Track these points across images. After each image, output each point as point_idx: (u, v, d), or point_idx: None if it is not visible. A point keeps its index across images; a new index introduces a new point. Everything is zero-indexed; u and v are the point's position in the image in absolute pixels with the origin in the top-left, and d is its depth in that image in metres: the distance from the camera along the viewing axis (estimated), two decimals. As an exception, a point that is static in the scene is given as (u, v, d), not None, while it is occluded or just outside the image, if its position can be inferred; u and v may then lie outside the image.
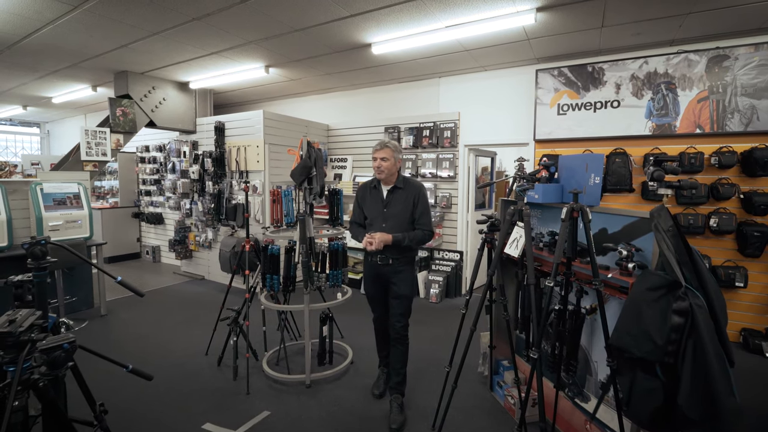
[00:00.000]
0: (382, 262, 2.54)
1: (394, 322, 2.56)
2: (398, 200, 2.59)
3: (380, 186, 2.65)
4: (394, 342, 2.59)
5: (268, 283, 2.84)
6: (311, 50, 4.43)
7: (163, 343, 3.64)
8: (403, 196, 2.59)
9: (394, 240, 2.45)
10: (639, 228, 1.90)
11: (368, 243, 2.45)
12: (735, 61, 3.71)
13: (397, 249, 2.51)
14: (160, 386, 2.86)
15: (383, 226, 2.55)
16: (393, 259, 2.52)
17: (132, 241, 7.23)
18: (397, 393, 2.59)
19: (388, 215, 2.58)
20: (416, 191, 2.59)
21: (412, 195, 2.58)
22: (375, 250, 2.44)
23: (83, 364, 1.46)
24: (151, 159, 6.77)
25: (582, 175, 2.18)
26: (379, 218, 2.60)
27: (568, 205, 1.85)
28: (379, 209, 2.62)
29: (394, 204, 2.59)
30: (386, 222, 2.56)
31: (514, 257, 2.15)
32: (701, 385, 1.49)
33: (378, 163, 2.54)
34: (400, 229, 2.53)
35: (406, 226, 2.57)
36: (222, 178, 5.33)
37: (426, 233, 2.57)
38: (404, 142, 5.45)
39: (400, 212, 2.57)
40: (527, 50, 4.30)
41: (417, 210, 2.57)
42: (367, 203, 2.69)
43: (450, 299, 5.10)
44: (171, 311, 4.54)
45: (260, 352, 3.29)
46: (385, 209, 2.60)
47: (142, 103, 5.38)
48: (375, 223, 2.60)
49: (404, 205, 2.57)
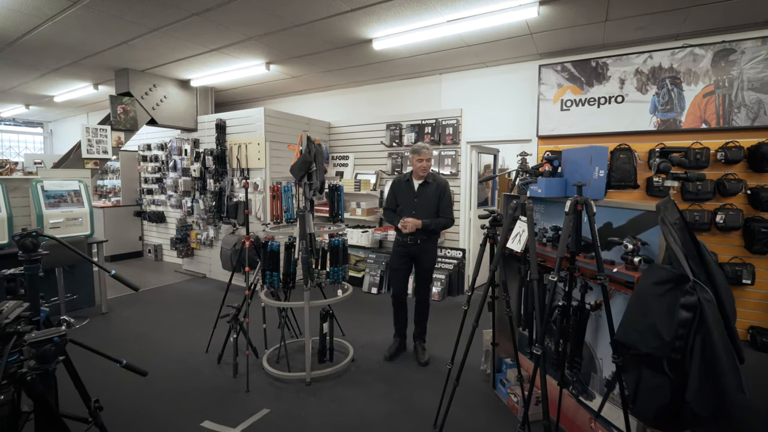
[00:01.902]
0: (411, 241, 3.14)
1: (420, 288, 3.27)
2: (427, 193, 3.17)
3: (412, 180, 3.23)
4: (420, 303, 3.27)
5: (268, 280, 2.82)
6: (312, 46, 4.40)
7: (163, 341, 3.62)
8: (431, 189, 3.17)
9: (423, 225, 3.06)
10: (645, 221, 1.86)
11: (403, 226, 3.07)
12: (741, 55, 3.65)
13: (425, 232, 3.11)
14: (158, 383, 2.84)
15: (413, 213, 3.13)
16: (421, 239, 3.14)
17: (134, 239, 7.23)
18: (420, 339, 3.29)
19: (418, 204, 3.16)
20: (442, 186, 3.19)
21: (439, 189, 3.17)
22: (408, 232, 3.06)
23: (79, 361, 1.43)
24: (152, 157, 6.76)
25: (586, 168, 2.14)
26: (409, 206, 3.18)
27: (572, 198, 1.81)
28: (410, 199, 3.20)
29: (423, 196, 3.17)
30: (416, 210, 3.14)
31: (516, 252, 2.11)
32: (710, 381, 1.45)
33: (424, 164, 3.13)
34: (426, 216, 3.11)
35: (432, 214, 3.14)
36: (223, 175, 5.31)
37: (448, 221, 3.19)
38: (406, 139, 5.41)
39: (427, 203, 3.15)
40: (530, 45, 4.25)
41: (442, 202, 3.16)
42: (400, 193, 3.28)
43: (452, 297, 5.06)
44: (172, 309, 4.52)
45: (260, 350, 3.26)
46: (416, 199, 3.18)
47: (143, 101, 5.37)
48: (406, 210, 3.18)
49: (432, 197, 3.15)
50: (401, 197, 3.26)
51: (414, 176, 3.23)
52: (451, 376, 2.29)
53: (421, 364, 3.15)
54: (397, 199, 3.29)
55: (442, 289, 4.96)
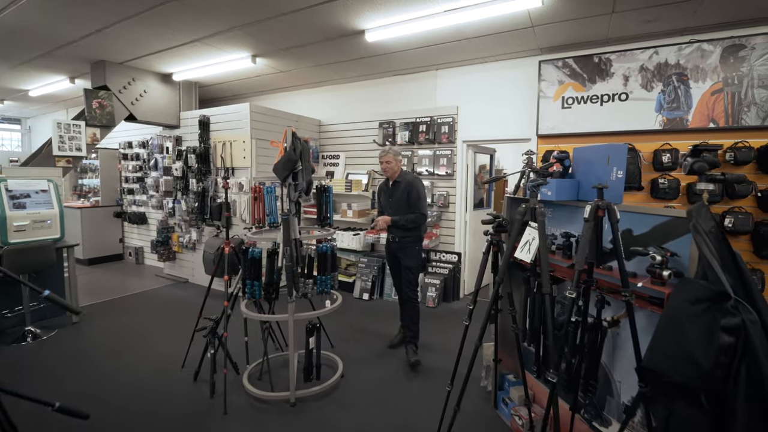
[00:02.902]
0: (391, 240, 3.34)
1: (403, 287, 3.30)
2: (398, 192, 3.29)
3: (388, 181, 3.38)
4: (405, 303, 3.29)
5: (249, 290, 2.55)
6: (300, 37, 4.13)
7: (136, 355, 3.33)
8: (401, 187, 3.27)
9: (392, 222, 3.20)
10: (672, 229, 1.64)
11: (374, 226, 3.31)
12: (752, 51, 3.48)
13: (401, 230, 3.23)
14: (126, 407, 2.56)
15: (389, 212, 3.30)
16: (399, 237, 3.27)
17: (114, 241, 6.88)
18: (411, 344, 3.24)
19: (392, 204, 3.31)
20: (408, 183, 3.26)
21: (407, 186, 3.25)
22: (389, 231, 3.31)
23: (31, 382, 1.16)
24: (134, 156, 6.43)
25: (602, 168, 1.92)
26: (387, 206, 3.37)
27: (593, 203, 1.59)
28: (386, 200, 3.39)
29: (395, 195, 3.30)
30: (391, 208, 3.31)
31: (525, 263, 1.88)
32: (764, 419, 1.23)
33: (384, 166, 3.31)
34: (399, 213, 3.23)
35: (405, 211, 3.23)
36: (206, 175, 5.02)
37: (418, 215, 3.21)
38: (399, 137, 5.17)
39: (399, 201, 3.26)
40: (531, 39, 4.04)
41: (411, 197, 3.22)
42: (382, 195, 3.47)
43: (447, 303, 4.84)
44: (149, 318, 4.22)
45: (241, 365, 2.99)
46: (390, 199, 3.34)
47: (121, 95, 5.05)
48: (384, 210, 3.40)
49: (401, 194, 3.26)
50: (382, 199, 3.45)
51: (389, 177, 3.37)
52: (452, 399, 2.06)
53: (410, 364, 3.09)
54: (380, 200, 3.50)
55: (437, 295, 4.73)
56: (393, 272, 3.51)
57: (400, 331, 3.53)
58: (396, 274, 3.44)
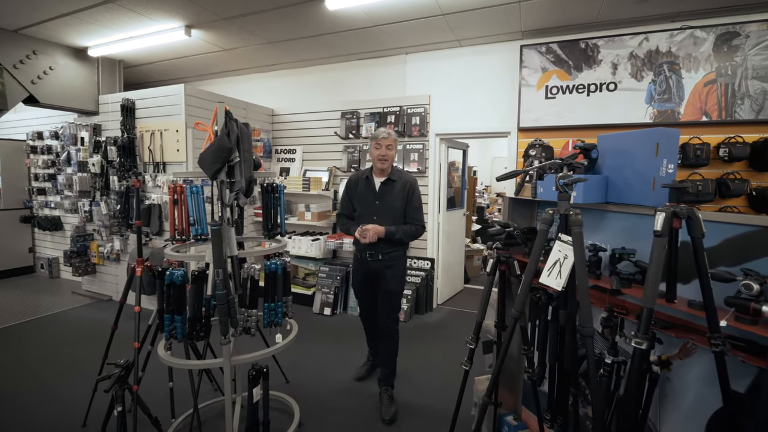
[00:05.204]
0: (372, 258, 2.49)
1: (384, 317, 2.52)
2: (391, 193, 2.52)
3: (372, 177, 2.57)
4: (384, 337, 2.56)
5: (167, 328, 1.85)
6: (246, 4, 3.41)
7: (25, 407, 2.49)
8: (396, 188, 2.52)
9: (386, 233, 2.41)
10: (755, 243, 1.18)
11: (362, 236, 2.40)
12: (746, 40, 3.24)
13: (389, 243, 2.46)
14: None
15: (374, 219, 2.48)
16: (383, 254, 2.48)
17: (23, 251, 5.72)
18: (386, 385, 2.54)
19: (380, 208, 2.52)
20: (408, 183, 2.54)
21: (406, 188, 2.52)
22: (365, 245, 2.43)
23: None
24: (44, 149, 5.33)
25: (647, 161, 1.44)
26: (370, 210, 2.54)
27: (666, 209, 1.09)
28: (370, 201, 2.55)
29: (386, 197, 2.53)
30: (377, 215, 2.50)
31: (554, 289, 1.36)
32: None
33: (383, 152, 2.45)
34: (391, 222, 2.47)
35: (398, 219, 2.51)
36: (131, 171, 4.14)
37: (419, 228, 2.54)
38: (365, 130, 4.57)
39: (392, 205, 2.51)
40: (514, 18, 3.58)
41: (411, 204, 2.52)
42: (357, 195, 2.60)
43: (420, 316, 4.31)
44: (54, 350, 3.33)
45: (165, 419, 2.27)
46: (377, 202, 2.54)
47: (17, 72, 4.04)
48: (365, 215, 2.53)
49: (397, 198, 2.51)
50: (359, 199, 2.60)
51: (374, 172, 2.57)
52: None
53: (385, 422, 2.36)
54: (354, 201, 2.64)
55: (409, 308, 4.19)
56: (362, 296, 2.70)
57: (369, 359, 2.95)
58: (368, 299, 2.65)
